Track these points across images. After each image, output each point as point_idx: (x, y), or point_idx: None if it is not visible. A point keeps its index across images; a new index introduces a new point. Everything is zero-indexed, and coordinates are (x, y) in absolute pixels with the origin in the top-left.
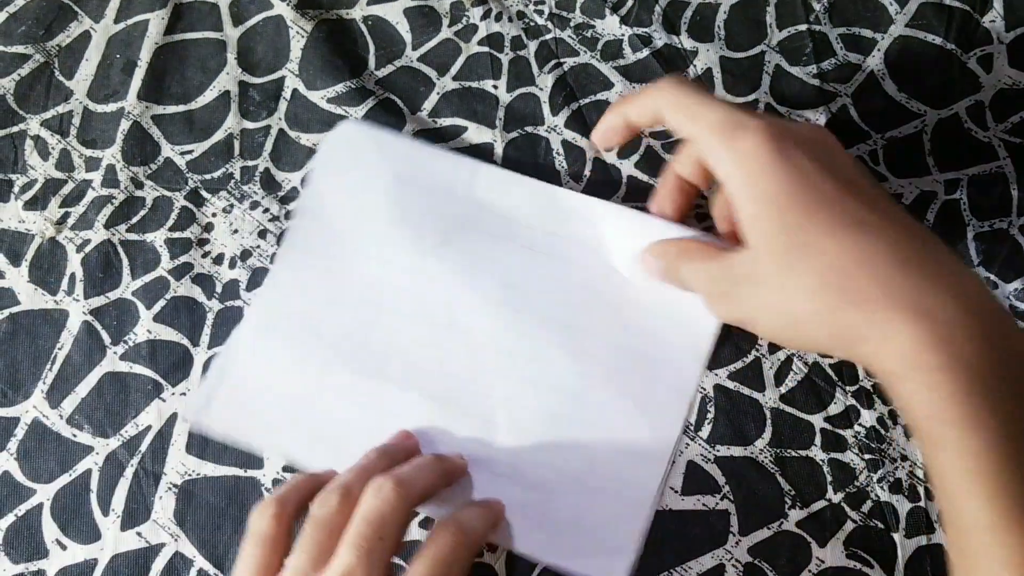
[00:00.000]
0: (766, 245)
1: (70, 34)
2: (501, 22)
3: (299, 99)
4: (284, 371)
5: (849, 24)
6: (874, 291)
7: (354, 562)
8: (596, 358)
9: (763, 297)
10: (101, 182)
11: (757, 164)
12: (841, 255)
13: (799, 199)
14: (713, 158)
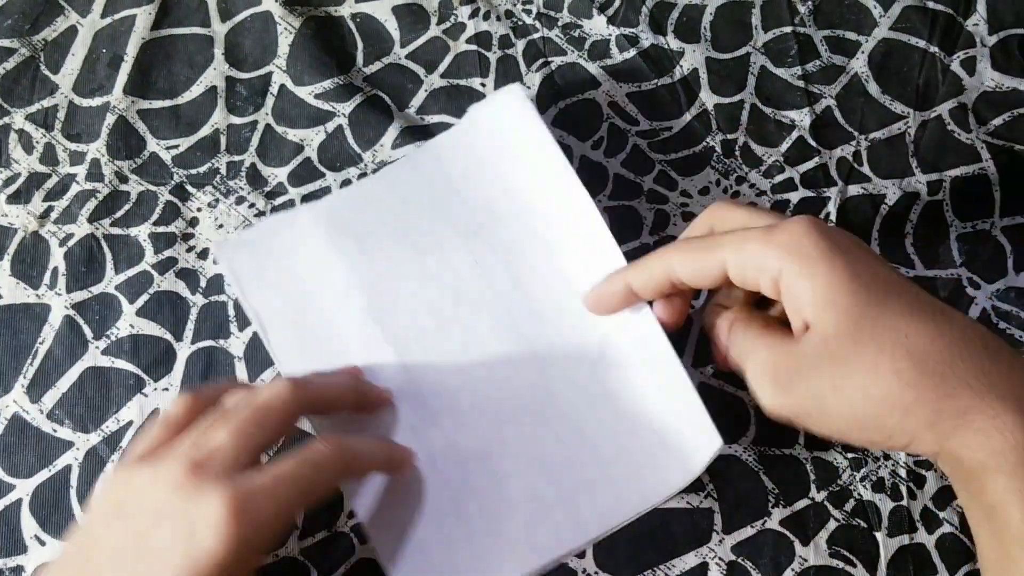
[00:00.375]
0: (843, 324)
1: (56, 28)
2: (489, 21)
3: (286, 95)
4: (315, 266)
5: (834, 26)
6: (973, 378)
7: (225, 440)
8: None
9: (834, 391)
10: (85, 176)
11: (814, 250)
12: (931, 340)
13: (866, 282)
14: (757, 266)
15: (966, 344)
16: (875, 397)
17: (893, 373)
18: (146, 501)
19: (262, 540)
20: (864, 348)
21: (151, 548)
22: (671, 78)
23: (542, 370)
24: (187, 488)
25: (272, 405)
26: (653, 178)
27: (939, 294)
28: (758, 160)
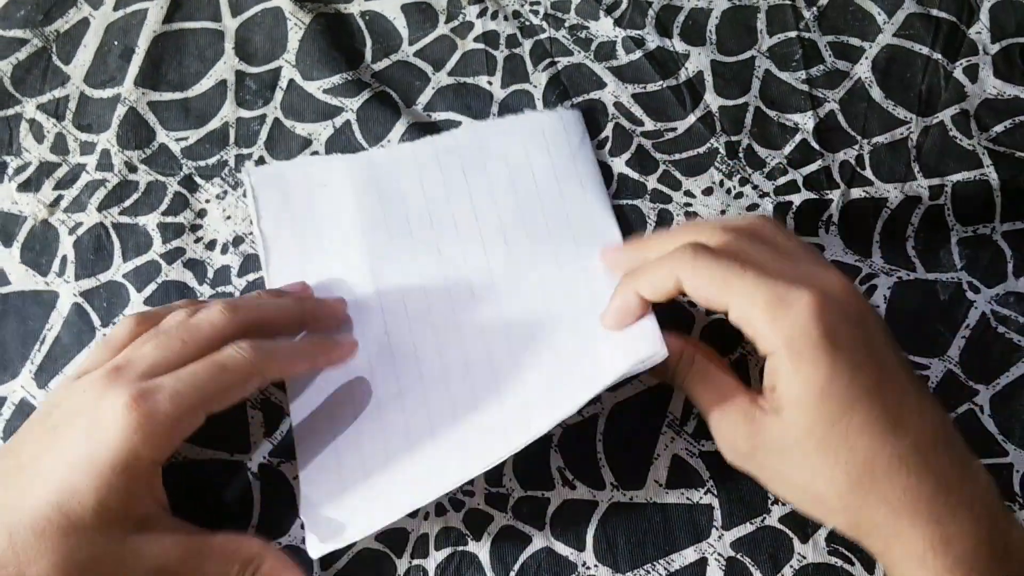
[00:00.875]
0: (803, 428)
1: (69, 20)
2: (497, 20)
3: (295, 89)
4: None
5: (838, 32)
6: (897, 498)
7: (146, 351)
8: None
9: (788, 472)
10: (95, 166)
11: (806, 347)
12: (873, 458)
13: (840, 392)
14: (756, 332)
15: (901, 465)
16: (812, 493)
17: (830, 481)
18: (64, 405)
19: (163, 435)
20: (819, 452)
21: (61, 445)
22: (676, 80)
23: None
24: (99, 389)
25: (200, 323)
26: (657, 178)
27: (940, 297)
28: (761, 162)
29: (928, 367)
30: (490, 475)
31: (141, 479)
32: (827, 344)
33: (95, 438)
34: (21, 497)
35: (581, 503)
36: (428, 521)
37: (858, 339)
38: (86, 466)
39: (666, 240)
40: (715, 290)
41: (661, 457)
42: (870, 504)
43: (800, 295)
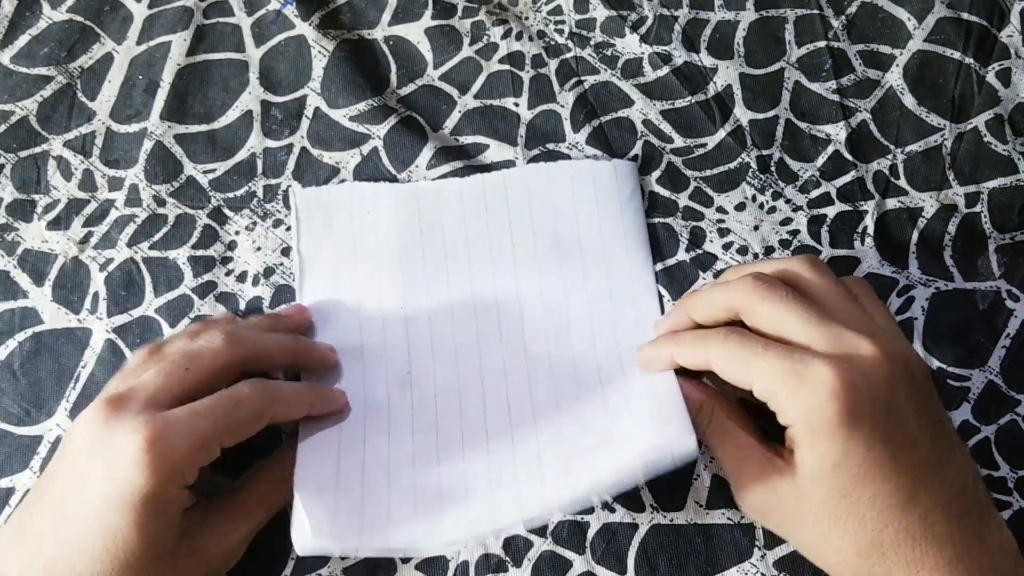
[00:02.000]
0: (816, 500)
1: (92, 56)
2: (521, 41)
3: (321, 117)
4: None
5: (867, 40)
6: (901, 570)
7: (147, 378)
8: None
9: (801, 536)
10: (124, 201)
11: (821, 424)
12: (881, 531)
13: (852, 468)
14: (777, 407)
15: (908, 535)
16: (824, 559)
17: (839, 551)
18: (76, 441)
19: (179, 471)
20: (830, 523)
21: (79, 485)
22: (705, 95)
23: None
24: (105, 423)
25: (202, 351)
26: (688, 195)
27: (979, 307)
28: (794, 175)
29: (969, 378)
30: None
31: (171, 511)
32: (842, 421)
33: (114, 478)
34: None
35: (621, 526)
36: (468, 549)
37: (877, 414)
38: (120, 505)
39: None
40: (740, 370)
41: (701, 477)
42: (883, 572)
43: (818, 371)
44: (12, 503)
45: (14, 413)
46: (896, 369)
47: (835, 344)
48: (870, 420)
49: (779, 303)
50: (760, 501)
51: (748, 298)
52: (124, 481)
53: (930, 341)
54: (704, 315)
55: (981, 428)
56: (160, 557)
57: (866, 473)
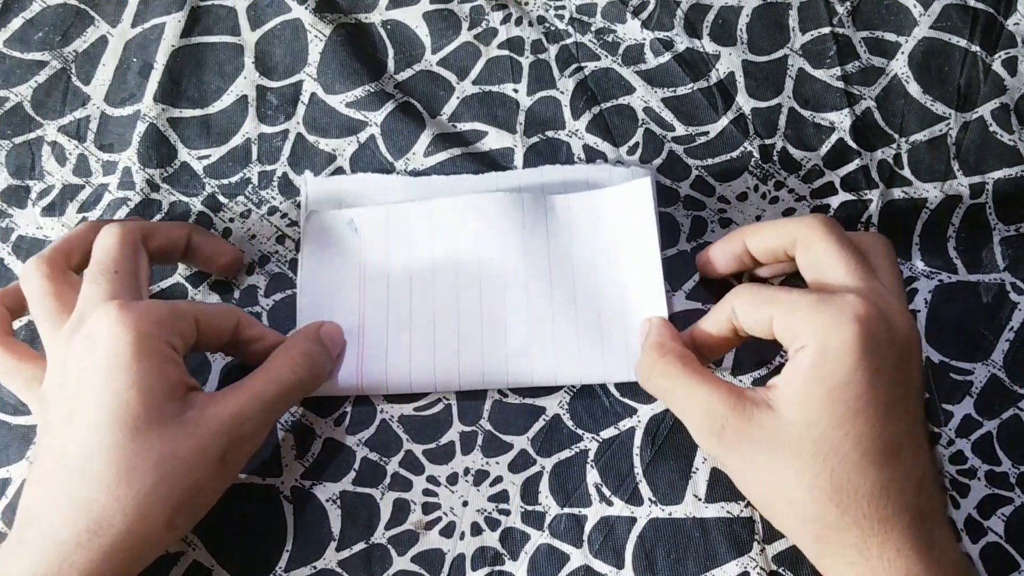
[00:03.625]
0: (802, 425)
1: (87, 39)
2: (521, 26)
3: (317, 103)
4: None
5: (872, 27)
6: (871, 525)
7: (95, 292)
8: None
9: (769, 470)
10: (117, 185)
11: (837, 344)
12: (860, 477)
13: (851, 399)
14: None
15: (883, 492)
16: (788, 497)
17: (811, 488)
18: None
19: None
20: (810, 454)
21: (72, 379)
22: (707, 82)
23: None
24: (74, 323)
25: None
26: (690, 184)
27: (983, 300)
28: (797, 164)
29: (972, 372)
30: (526, 493)
31: (165, 369)
32: (858, 348)
33: (100, 346)
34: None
35: (619, 519)
36: (464, 541)
37: (888, 360)
38: (113, 371)
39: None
40: (764, 307)
41: (700, 471)
42: (845, 523)
43: (847, 298)
44: (9, 493)
45: (10, 403)
46: (914, 338)
47: (870, 293)
48: (881, 362)
49: (837, 243)
50: (731, 431)
51: (813, 231)
52: (109, 342)
53: (933, 334)
54: (759, 242)
55: (983, 423)
56: (164, 421)
57: (861, 410)
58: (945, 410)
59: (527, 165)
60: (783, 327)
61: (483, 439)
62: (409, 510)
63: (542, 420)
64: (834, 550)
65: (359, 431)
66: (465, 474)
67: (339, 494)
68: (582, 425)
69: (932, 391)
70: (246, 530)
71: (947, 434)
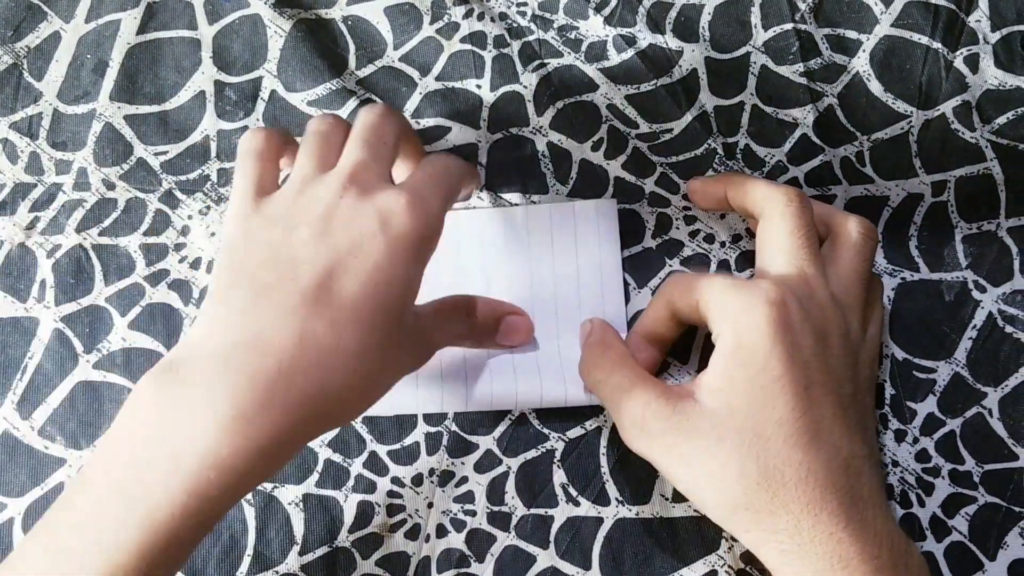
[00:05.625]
0: (725, 412)
1: (39, 35)
2: (484, 22)
3: (278, 101)
4: None
5: (834, 24)
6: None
7: (364, 155)
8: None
9: (696, 459)
10: (72, 185)
11: (751, 331)
12: (785, 460)
13: (768, 384)
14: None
15: (810, 475)
16: (717, 485)
17: (740, 474)
18: (316, 211)
19: (434, 230)
20: (734, 439)
21: (341, 244)
22: (670, 78)
23: None
24: (366, 193)
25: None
26: (654, 181)
27: (945, 298)
28: (760, 161)
29: (935, 370)
30: (492, 494)
31: (423, 268)
32: (771, 331)
33: (392, 230)
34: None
35: (586, 520)
36: (429, 544)
37: (805, 343)
38: (395, 260)
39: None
40: (691, 291)
41: None
42: (775, 508)
43: (761, 284)
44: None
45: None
46: (840, 318)
47: (792, 278)
48: (798, 341)
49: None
50: (657, 421)
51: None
52: (401, 232)
53: (896, 332)
54: (737, 197)
55: (947, 421)
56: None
57: (779, 393)
58: (909, 408)
59: (491, 161)
60: (704, 311)
61: (448, 439)
62: (373, 512)
63: (508, 420)
64: (767, 536)
65: None
66: (430, 475)
67: (302, 497)
68: (548, 425)
69: (897, 388)
70: (206, 538)
71: (912, 432)
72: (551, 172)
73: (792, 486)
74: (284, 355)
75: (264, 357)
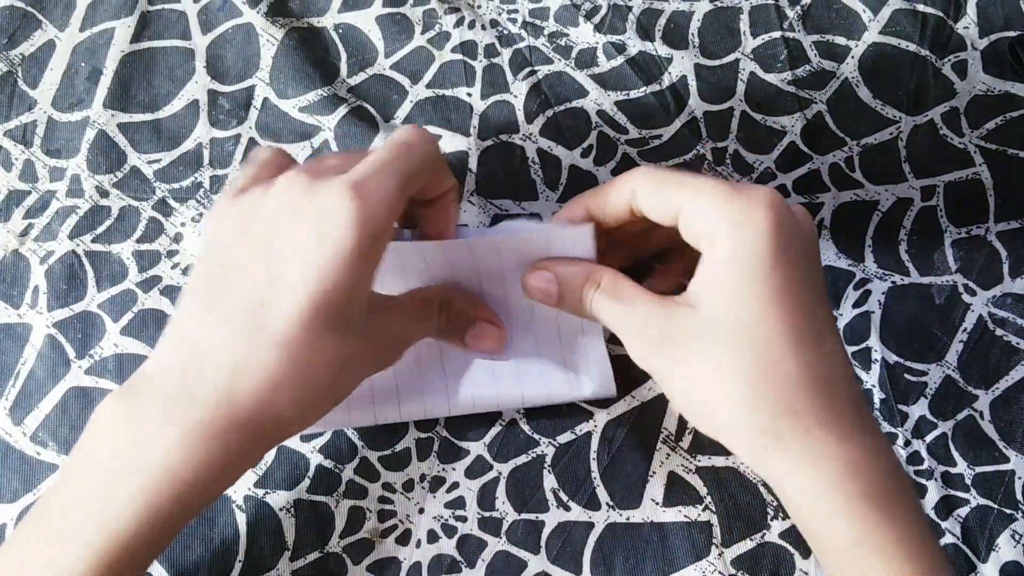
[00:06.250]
0: (723, 314)
1: (34, 43)
2: (474, 30)
3: (270, 108)
4: None
5: (823, 31)
6: (807, 412)
7: (335, 161)
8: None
9: (696, 365)
10: (66, 192)
11: (752, 235)
12: (787, 363)
13: (768, 289)
14: (703, 225)
15: (815, 378)
16: (719, 393)
17: (742, 377)
18: (266, 212)
19: (384, 220)
20: (735, 340)
21: (280, 252)
22: (660, 85)
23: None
24: (307, 190)
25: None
26: None
27: (935, 302)
28: (749, 167)
29: (926, 373)
30: (483, 499)
31: (373, 264)
32: (774, 237)
33: (325, 235)
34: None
35: (577, 525)
36: (420, 549)
37: (800, 249)
38: (335, 264)
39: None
40: (670, 192)
41: (657, 475)
42: (781, 413)
43: (761, 191)
44: None
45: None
46: (815, 233)
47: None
48: (795, 246)
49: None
50: (655, 330)
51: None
52: (333, 238)
53: (887, 335)
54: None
55: (938, 424)
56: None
57: (781, 297)
58: (900, 411)
59: (481, 168)
60: (691, 216)
61: (439, 445)
62: (364, 518)
63: (499, 425)
64: (774, 446)
65: (313, 438)
66: (421, 481)
67: (293, 503)
68: (539, 430)
69: (887, 392)
70: (198, 540)
71: (903, 435)
72: (541, 178)
73: (798, 390)
74: (223, 378)
75: (207, 380)
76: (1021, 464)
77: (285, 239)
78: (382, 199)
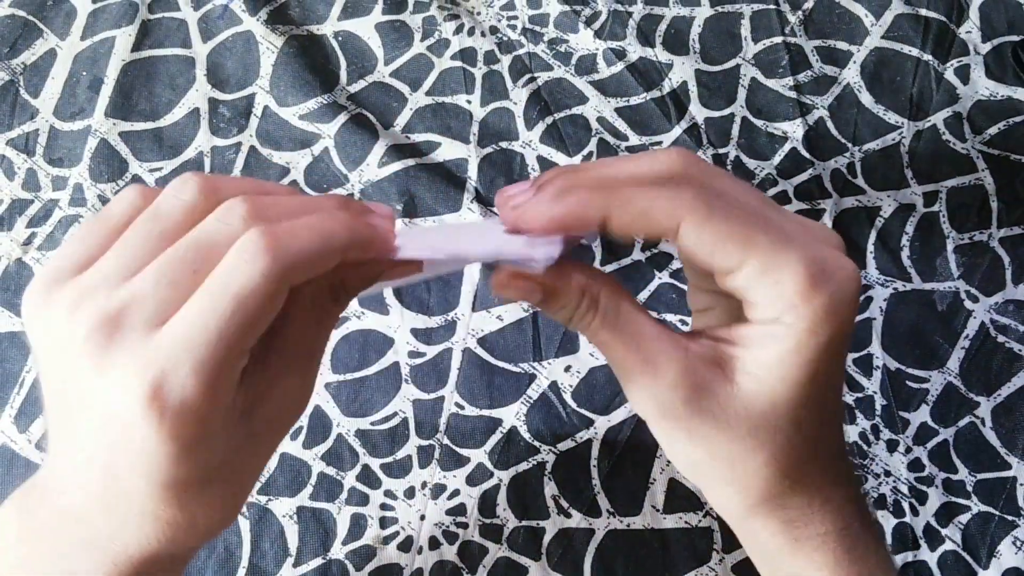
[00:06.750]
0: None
1: (35, 52)
2: (474, 37)
3: (271, 116)
4: None
5: (825, 36)
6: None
7: (148, 291)
8: None
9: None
10: (68, 201)
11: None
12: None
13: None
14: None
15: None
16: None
17: (765, 462)
18: (61, 366)
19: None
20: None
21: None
22: (660, 91)
23: None
24: (96, 357)
25: (218, 239)
26: None
27: (937, 308)
28: (750, 174)
29: (928, 380)
30: (484, 506)
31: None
32: (846, 333)
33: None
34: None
35: (577, 531)
36: (422, 556)
37: (847, 320)
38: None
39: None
40: (735, 246)
41: (657, 481)
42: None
43: (849, 269)
44: None
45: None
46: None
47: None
48: (849, 335)
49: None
50: (683, 405)
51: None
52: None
53: (888, 342)
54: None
55: (940, 431)
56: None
57: (830, 385)
58: (902, 417)
59: (481, 175)
60: (757, 288)
61: (440, 452)
62: (366, 525)
63: (499, 433)
64: (769, 511)
65: (315, 445)
66: (423, 488)
67: (296, 509)
68: (539, 437)
69: (889, 399)
70: (202, 546)
71: (904, 441)
72: None
73: (816, 472)
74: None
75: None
76: (1022, 471)
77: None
78: (199, 400)
